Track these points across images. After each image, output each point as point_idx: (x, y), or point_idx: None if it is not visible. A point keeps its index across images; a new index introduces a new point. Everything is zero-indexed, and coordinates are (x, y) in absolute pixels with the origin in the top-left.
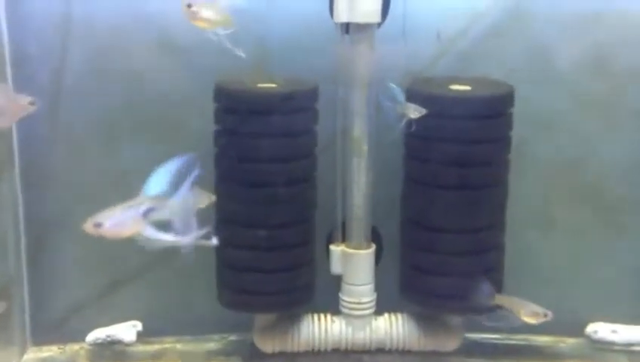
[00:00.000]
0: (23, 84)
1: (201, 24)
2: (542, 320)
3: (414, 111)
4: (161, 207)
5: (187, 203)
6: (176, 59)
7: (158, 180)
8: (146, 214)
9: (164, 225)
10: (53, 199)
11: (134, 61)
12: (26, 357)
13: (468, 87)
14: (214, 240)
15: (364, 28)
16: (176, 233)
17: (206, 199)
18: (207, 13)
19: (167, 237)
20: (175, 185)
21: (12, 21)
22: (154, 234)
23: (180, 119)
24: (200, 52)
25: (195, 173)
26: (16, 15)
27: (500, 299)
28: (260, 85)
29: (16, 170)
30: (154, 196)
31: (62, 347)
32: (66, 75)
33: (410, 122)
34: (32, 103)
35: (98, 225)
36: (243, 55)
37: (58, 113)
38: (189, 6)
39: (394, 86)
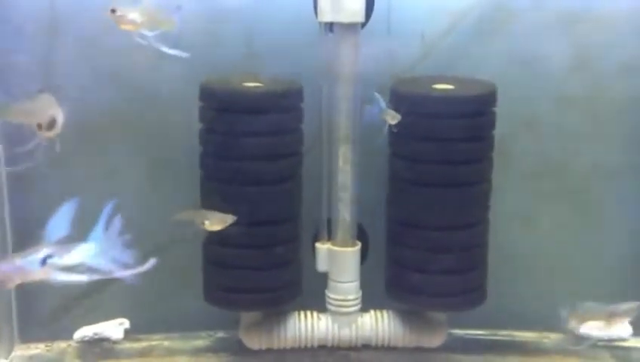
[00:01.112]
0: (8, 84)
1: (128, 27)
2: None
3: (392, 117)
4: (63, 253)
5: (110, 245)
6: (161, 58)
7: (58, 224)
8: (44, 262)
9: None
10: (39, 197)
11: (120, 60)
12: (13, 354)
13: (451, 87)
14: (152, 262)
15: (347, 27)
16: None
17: (226, 220)
18: (132, 15)
19: (81, 278)
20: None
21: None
22: (67, 276)
23: (165, 119)
24: (186, 50)
25: (117, 220)
26: (1, 13)
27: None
28: (245, 84)
29: (2, 169)
30: (54, 242)
31: (49, 345)
32: (52, 74)
33: (390, 127)
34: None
35: None
36: (185, 55)
37: None
38: (113, 11)
39: (376, 94)
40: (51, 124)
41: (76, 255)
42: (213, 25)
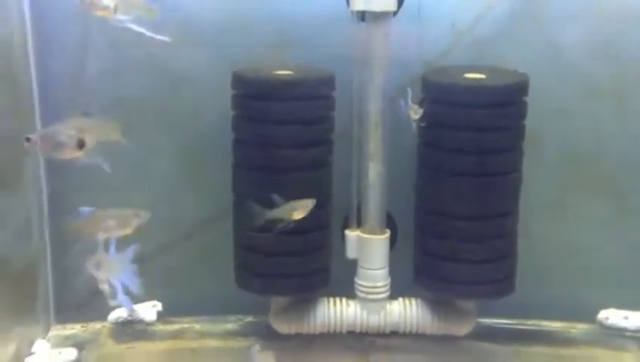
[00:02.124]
0: (44, 72)
1: (103, 13)
2: None
3: (414, 112)
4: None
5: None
6: (194, 47)
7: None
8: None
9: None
10: (76, 184)
11: (152, 48)
12: (50, 334)
13: (482, 76)
14: (133, 247)
15: (380, 16)
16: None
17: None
18: (106, 2)
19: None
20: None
21: (35, 10)
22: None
23: (197, 106)
24: (219, 39)
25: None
26: (39, 3)
27: None
28: (277, 72)
29: (40, 159)
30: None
31: (85, 325)
32: (87, 63)
33: (416, 122)
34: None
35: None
36: (167, 39)
37: (80, 100)
38: None
39: (408, 88)
40: (80, 144)
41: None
42: (245, 12)
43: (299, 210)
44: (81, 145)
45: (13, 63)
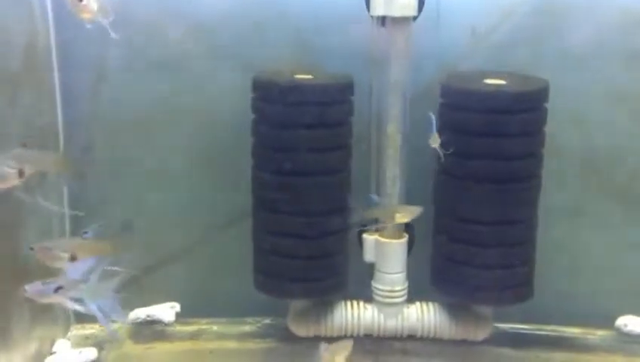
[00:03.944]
0: (67, 75)
1: (86, 16)
2: None
3: (433, 141)
4: (73, 288)
5: (99, 292)
6: (213, 50)
7: (76, 271)
8: (56, 290)
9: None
10: (95, 185)
11: (173, 52)
12: (70, 334)
13: (503, 82)
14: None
15: (400, 21)
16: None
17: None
18: (94, 5)
19: (80, 308)
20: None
21: (57, 13)
22: (73, 306)
23: (218, 109)
24: (237, 43)
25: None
26: (61, 5)
27: None
28: (296, 77)
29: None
30: (70, 278)
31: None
32: (107, 65)
33: (440, 150)
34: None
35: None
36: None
37: (100, 103)
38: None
39: (431, 115)
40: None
41: (79, 292)
42: (265, 17)
43: (403, 214)
44: (20, 175)
45: (37, 65)
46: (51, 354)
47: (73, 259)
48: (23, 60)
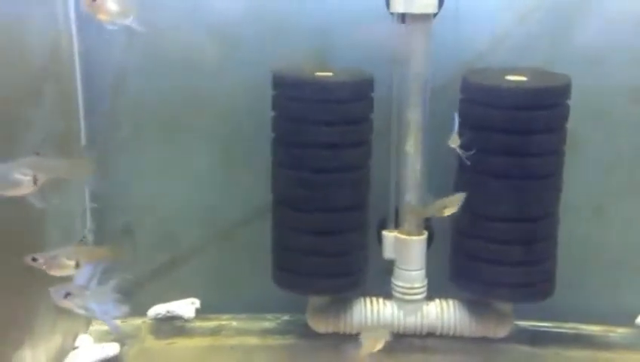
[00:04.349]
0: (89, 75)
1: (103, 17)
2: None
3: (453, 141)
4: (80, 294)
5: (100, 295)
6: (233, 48)
7: (83, 277)
8: (66, 296)
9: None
10: (117, 183)
11: (194, 47)
12: (91, 329)
13: (524, 78)
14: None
15: (420, 18)
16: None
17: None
18: (110, 5)
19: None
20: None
21: (80, 12)
22: (78, 309)
23: (238, 106)
24: (255, 41)
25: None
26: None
27: None
28: (316, 74)
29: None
30: (77, 284)
31: (124, 320)
32: (129, 64)
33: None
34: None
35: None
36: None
37: (122, 101)
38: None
39: (456, 115)
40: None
41: (85, 297)
42: (284, 14)
43: (449, 207)
44: (35, 182)
45: (60, 64)
46: (74, 348)
47: (77, 266)
48: (47, 62)
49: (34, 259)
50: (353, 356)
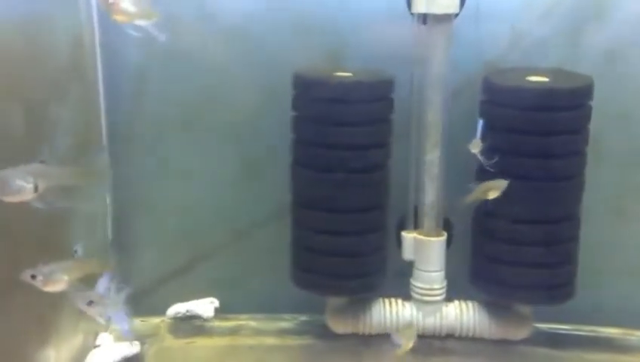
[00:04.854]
0: (111, 74)
1: (120, 18)
2: None
3: (474, 146)
4: (101, 303)
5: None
6: (253, 49)
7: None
8: (89, 304)
9: None
10: (137, 182)
11: (213, 49)
12: (112, 328)
13: (546, 79)
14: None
15: (442, 18)
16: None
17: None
18: (125, 5)
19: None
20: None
21: (102, 15)
22: (99, 319)
23: (256, 107)
24: (274, 42)
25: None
26: None
27: None
28: (337, 74)
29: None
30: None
31: (144, 319)
32: (150, 63)
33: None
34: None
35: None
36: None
37: (142, 101)
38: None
39: (480, 120)
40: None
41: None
42: (304, 15)
43: (493, 190)
44: (35, 189)
45: (82, 60)
46: (95, 347)
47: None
48: (70, 59)
49: (33, 277)
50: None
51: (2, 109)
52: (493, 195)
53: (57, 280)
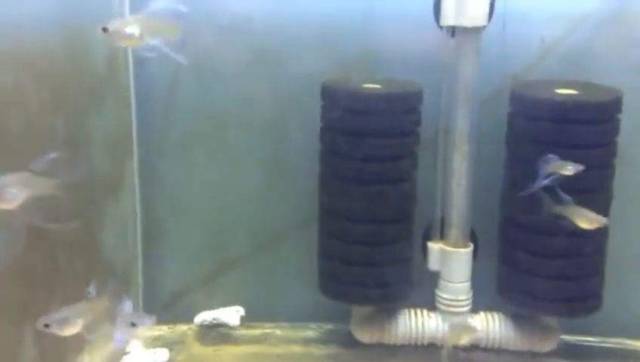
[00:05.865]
0: (143, 83)
1: (129, 43)
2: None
3: (569, 170)
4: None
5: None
6: (282, 58)
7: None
8: (132, 325)
9: None
10: (166, 192)
11: (242, 59)
12: (141, 335)
13: (575, 92)
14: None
15: (470, 31)
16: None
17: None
18: (129, 30)
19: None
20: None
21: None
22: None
23: (284, 117)
24: (305, 52)
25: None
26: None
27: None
28: (365, 86)
29: (135, 166)
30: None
31: (172, 327)
32: (181, 72)
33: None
34: None
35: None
36: (184, 62)
37: (173, 109)
38: (105, 30)
39: (550, 156)
40: None
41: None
42: (333, 27)
43: (585, 221)
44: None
45: (116, 72)
46: (125, 354)
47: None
48: (105, 71)
49: (46, 326)
50: None
51: (48, 121)
52: (582, 224)
53: (72, 325)
